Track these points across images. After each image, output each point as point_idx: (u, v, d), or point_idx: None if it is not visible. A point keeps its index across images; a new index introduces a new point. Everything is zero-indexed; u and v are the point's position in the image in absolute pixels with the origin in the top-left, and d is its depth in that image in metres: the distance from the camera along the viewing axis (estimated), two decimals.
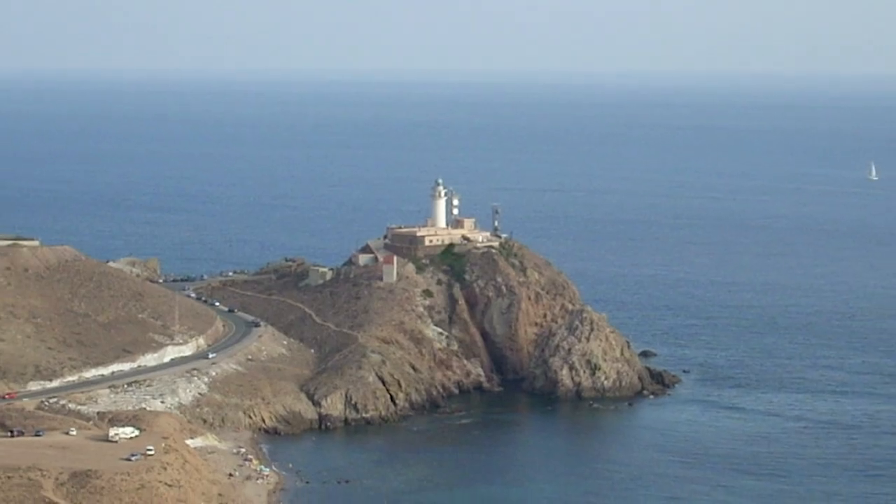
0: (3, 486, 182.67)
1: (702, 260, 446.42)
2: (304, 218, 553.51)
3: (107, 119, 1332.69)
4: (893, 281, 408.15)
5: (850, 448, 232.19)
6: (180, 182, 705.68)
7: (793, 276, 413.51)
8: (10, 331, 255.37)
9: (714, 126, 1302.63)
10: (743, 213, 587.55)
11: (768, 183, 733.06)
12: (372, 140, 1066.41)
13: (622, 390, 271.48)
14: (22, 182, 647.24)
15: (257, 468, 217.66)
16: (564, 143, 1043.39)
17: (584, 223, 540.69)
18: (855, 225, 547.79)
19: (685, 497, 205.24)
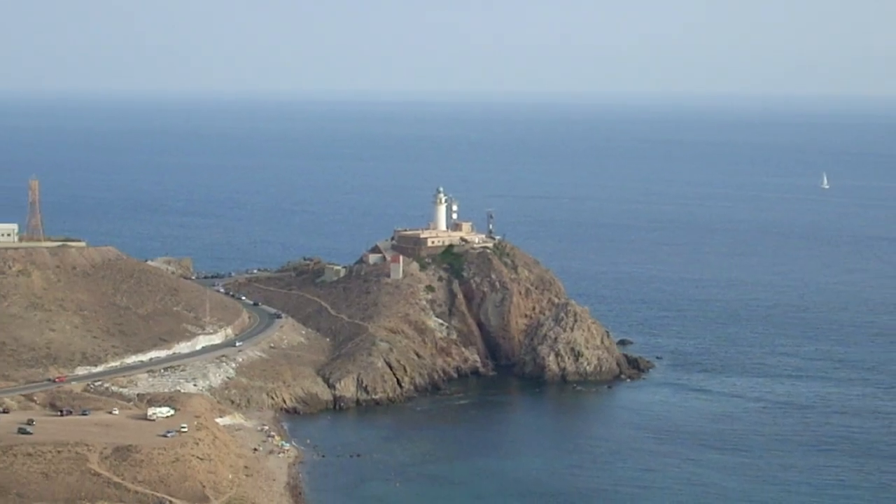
0: (54, 459, 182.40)
1: (673, 259, 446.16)
2: (320, 222, 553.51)
3: (145, 134, 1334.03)
4: (843, 278, 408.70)
5: (805, 426, 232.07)
6: (210, 190, 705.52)
7: (753, 274, 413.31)
8: (60, 322, 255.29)
9: (683, 140, 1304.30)
10: (708, 218, 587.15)
11: (731, 191, 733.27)
12: (380, 153, 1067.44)
13: (602, 375, 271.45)
14: (70, 190, 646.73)
15: (279, 443, 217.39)
16: (551, 156, 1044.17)
17: (568, 226, 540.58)
18: (808, 228, 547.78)
19: (658, 469, 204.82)
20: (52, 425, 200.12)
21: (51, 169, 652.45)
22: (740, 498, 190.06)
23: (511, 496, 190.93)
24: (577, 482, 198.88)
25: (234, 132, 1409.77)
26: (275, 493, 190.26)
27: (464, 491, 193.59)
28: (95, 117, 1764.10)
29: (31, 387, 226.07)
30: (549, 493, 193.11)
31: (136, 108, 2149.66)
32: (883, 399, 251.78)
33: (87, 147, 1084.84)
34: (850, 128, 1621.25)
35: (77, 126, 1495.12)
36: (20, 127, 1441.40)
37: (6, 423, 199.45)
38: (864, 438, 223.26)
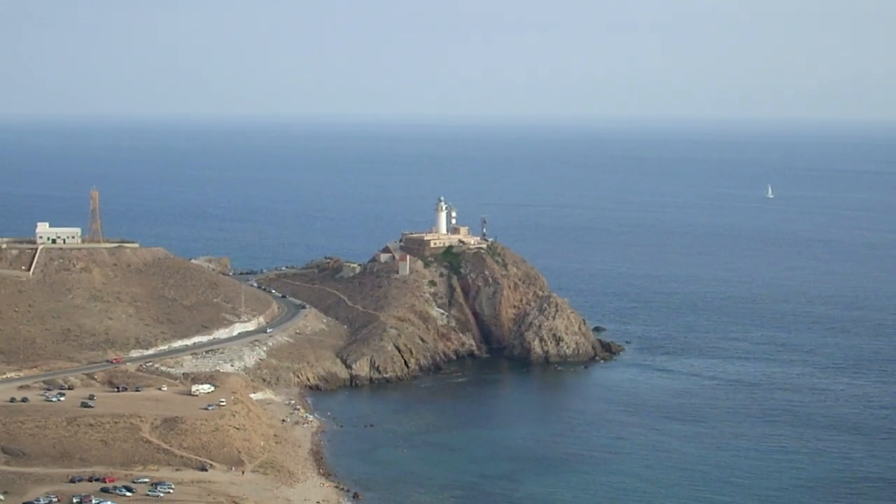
0: (112, 429, 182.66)
1: (640, 258, 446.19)
2: (339, 226, 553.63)
3: (189, 151, 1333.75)
4: (785, 274, 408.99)
5: (752, 400, 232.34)
6: (245, 199, 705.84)
7: (708, 270, 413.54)
8: (117, 312, 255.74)
9: (648, 157, 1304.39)
10: (670, 223, 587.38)
11: (689, 199, 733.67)
12: (389, 167, 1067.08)
13: (580, 357, 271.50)
14: (125, 199, 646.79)
15: (304, 415, 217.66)
16: (536, 171, 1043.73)
17: (551, 230, 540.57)
18: (755, 231, 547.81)
19: (627, 437, 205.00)
20: (109, 400, 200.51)
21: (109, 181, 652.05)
22: (697, 462, 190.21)
23: (502, 460, 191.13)
24: (558, 448, 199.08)
25: (265, 150, 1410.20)
26: (300, 457, 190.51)
27: (462, 456, 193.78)
28: (146, 137, 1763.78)
29: (92, 367, 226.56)
30: (535, 457, 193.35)
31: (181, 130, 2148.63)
32: (819, 378, 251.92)
33: (139, 162, 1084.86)
34: (791, 146, 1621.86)
35: (130, 145, 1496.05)
36: (83, 146, 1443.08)
37: (71, 398, 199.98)
38: (803, 411, 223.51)
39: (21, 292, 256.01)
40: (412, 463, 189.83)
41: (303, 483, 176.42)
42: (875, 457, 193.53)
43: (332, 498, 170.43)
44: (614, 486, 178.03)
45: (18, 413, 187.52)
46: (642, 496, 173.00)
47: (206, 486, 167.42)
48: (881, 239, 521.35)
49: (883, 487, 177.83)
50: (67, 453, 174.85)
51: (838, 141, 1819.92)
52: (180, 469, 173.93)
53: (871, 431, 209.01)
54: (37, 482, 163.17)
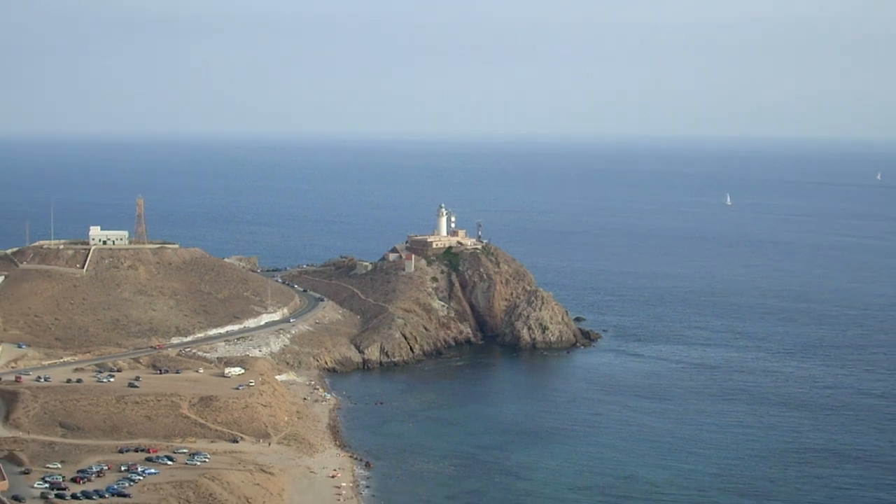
0: (155, 406, 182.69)
1: (615, 257, 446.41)
2: (353, 229, 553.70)
3: (222, 165, 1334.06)
4: (741, 271, 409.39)
5: (712, 381, 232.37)
6: (271, 206, 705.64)
7: (675, 268, 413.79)
8: (159, 304, 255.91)
9: (623, 170, 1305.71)
10: (642, 227, 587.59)
11: (659, 206, 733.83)
12: (398, 178, 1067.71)
13: (563, 343, 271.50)
14: (167, 206, 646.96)
15: (322, 394, 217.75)
16: (525, 182, 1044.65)
17: (537, 233, 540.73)
18: (716, 234, 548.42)
19: (604, 413, 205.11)
20: (153, 381, 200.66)
21: (152, 190, 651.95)
22: (664, 435, 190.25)
23: (494, 433, 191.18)
24: (544, 422, 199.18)
25: (288, 163, 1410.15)
26: (319, 431, 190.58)
27: (459, 429, 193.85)
28: (184, 152, 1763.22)
29: (137, 352, 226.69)
30: (523, 430, 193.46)
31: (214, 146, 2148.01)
32: (771, 361, 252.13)
33: (179, 174, 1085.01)
34: (747, 161, 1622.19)
35: (171, 159, 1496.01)
36: (130, 160, 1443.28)
37: (119, 379, 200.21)
38: (757, 390, 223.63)
39: (76, 287, 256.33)
40: (417, 435, 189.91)
41: (321, 453, 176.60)
42: (819, 430, 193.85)
43: (346, 466, 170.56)
44: (592, 455, 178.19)
45: (74, 392, 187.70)
46: (616, 464, 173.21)
47: (237, 455, 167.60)
48: (823, 241, 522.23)
49: (827, 456, 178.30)
50: (116, 427, 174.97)
51: (788, 156, 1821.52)
52: (215, 441, 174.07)
53: (816, 408, 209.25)
54: (90, 452, 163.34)
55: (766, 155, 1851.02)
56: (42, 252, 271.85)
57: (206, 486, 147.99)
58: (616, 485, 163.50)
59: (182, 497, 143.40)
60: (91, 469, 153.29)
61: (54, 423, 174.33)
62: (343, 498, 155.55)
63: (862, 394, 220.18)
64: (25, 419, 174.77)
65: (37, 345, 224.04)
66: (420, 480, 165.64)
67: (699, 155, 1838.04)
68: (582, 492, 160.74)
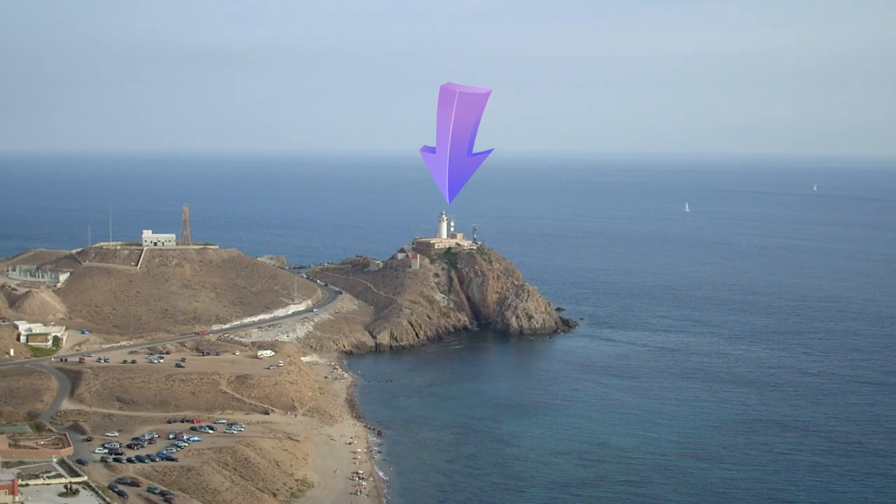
0: (198, 383, 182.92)
1: (591, 257, 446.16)
2: (367, 232, 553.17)
3: (255, 178, 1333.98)
4: (698, 268, 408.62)
5: (674, 362, 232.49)
6: (298, 213, 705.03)
7: (641, 265, 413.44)
8: (202, 296, 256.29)
9: (598, 182, 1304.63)
10: (613, 230, 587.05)
11: (627, 213, 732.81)
12: (405, 189, 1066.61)
13: (546, 330, 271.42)
14: (209, 212, 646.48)
15: (341, 373, 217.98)
16: (514, 192, 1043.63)
17: (525, 236, 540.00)
18: (676, 237, 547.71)
19: (581, 389, 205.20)
20: (196, 361, 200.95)
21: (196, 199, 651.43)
22: (632, 408, 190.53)
23: (487, 406, 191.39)
24: (530, 397, 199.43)
25: (314, 176, 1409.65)
26: (338, 404, 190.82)
27: (458, 403, 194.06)
28: (223, 167, 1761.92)
29: (183, 337, 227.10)
30: (512, 404, 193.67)
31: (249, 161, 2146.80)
32: (723, 346, 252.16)
33: (219, 186, 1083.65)
34: (703, 174, 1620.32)
35: (213, 172, 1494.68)
36: (177, 173, 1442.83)
37: (168, 360, 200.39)
38: (711, 370, 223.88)
39: (131, 282, 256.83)
40: (421, 408, 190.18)
41: (340, 423, 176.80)
42: (764, 404, 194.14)
43: (361, 434, 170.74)
44: (571, 425, 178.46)
45: (129, 371, 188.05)
46: (591, 433, 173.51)
47: (268, 425, 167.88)
48: (769, 242, 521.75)
49: (770, 426, 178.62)
50: (165, 401, 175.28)
51: (738, 170, 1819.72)
52: (249, 413, 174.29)
53: (762, 385, 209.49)
54: (142, 423, 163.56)
55: (719, 169, 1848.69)
56: (102, 252, 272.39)
57: (241, 451, 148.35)
58: (591, 450, 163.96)
59: (221, 461, 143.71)
60: (144, 437, 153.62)
61: (112, 398, 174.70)
62: (359, 462, 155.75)
63: (800, 373, 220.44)
64: (88, 394, 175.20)
65: (97, 331, 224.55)
66: (424, 447, 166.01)
67: (662, 169, 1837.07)
68: (562, 456, 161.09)
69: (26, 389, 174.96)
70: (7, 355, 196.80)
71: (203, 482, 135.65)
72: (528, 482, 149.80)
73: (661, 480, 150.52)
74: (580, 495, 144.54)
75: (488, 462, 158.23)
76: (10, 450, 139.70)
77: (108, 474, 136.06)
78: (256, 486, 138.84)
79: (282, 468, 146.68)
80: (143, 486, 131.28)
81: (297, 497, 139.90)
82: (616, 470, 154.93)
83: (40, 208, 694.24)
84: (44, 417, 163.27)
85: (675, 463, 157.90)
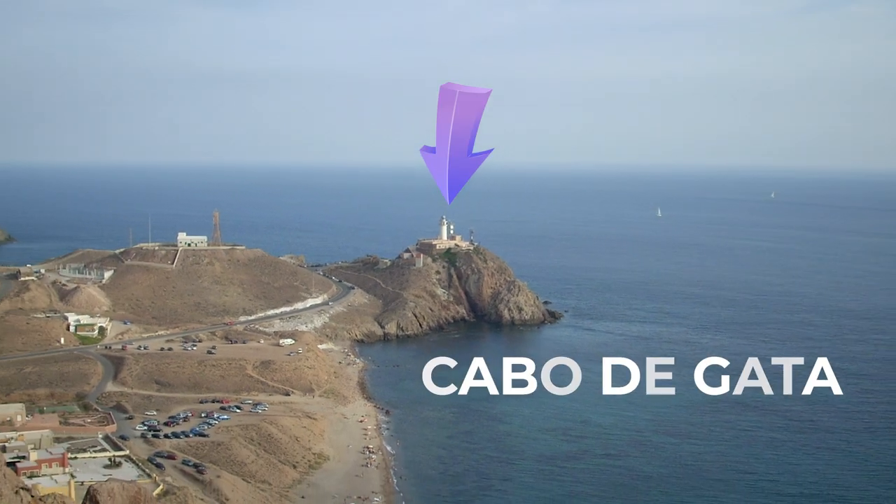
0: (227, 368, 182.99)
1: (575, 256, 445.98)
2: (376, 234, 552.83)
3: (278, 186, 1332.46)
4: (669, 266, 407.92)
5: (647, 348, 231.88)
6: (315, 217, 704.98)
7: (618, 264, 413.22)
8: (230, 291, 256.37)
9: (580, 190, 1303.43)
10: (593, 233, 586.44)
11: (606, 217, 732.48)
12: (410, 196, 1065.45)
13: (534, 321, 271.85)
14: (236, 217, 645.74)
15: (353, 359, 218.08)
16: (505, 199, 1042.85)
17: (516, 238, 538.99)
18: (649, 239, 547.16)
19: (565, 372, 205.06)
20: (225, 349, 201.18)
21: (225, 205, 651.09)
22: None
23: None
24: None
25: (326, 185, 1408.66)
26: (351, 387, 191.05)
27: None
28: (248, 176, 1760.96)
29: (214, 327, 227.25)
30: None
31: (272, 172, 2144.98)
32: (690, 334, 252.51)
33: (245, 193, 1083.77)
34: (674, 183, 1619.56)
35: (239, 182, 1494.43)
36: (207, 182, 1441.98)
37: (200, 347, 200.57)
38: (680, 356, 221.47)
39: (167, 278, 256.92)
40: (424, 390, 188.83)
41: (352, 403, 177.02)
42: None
43: (371, 413, 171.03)
44: (556, 405, 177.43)
45: (166, 357, 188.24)
46: (575, 412, 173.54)
47: (289, 405, 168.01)
48: (734, 244, 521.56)
49: (733, 406, 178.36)
50: (198, 384, 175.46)
51: (705, 179, 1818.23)
52: (272, 394, 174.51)
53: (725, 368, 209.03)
54: (177, 403, 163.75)
55: (687, 178, 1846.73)
56: (142, 252, 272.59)
57: (265, 428, 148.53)
58: (574, 427, 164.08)
59: (247, 436, 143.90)
60: (179, 415, 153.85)
61: (151, 381, 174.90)
62: (369, 437, 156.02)
63: (759, 358, 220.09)
64: (129, 378, 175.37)
65: (138, 322, 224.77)
66: (427, 424, 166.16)
67: (636, 178, 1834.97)
68: (549, 432, 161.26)
69: (75, 374, 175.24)
70: (58, 343, 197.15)
71: (231, 455, 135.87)
72: (518, 455, 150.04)
73: (637, 454, 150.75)
74: (565, 467, 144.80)
75: (483, 437, 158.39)
76: (61, 427, 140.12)
77: (147, 448, 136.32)
78: (278, 459, 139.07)
79: (301, 443, 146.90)
80: (178, 459, 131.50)
81: (314, 469, 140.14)
82: (596, 445, 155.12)
83: (87, 213, 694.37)
84: (90, 398, 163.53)
85: (648, 438, 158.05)
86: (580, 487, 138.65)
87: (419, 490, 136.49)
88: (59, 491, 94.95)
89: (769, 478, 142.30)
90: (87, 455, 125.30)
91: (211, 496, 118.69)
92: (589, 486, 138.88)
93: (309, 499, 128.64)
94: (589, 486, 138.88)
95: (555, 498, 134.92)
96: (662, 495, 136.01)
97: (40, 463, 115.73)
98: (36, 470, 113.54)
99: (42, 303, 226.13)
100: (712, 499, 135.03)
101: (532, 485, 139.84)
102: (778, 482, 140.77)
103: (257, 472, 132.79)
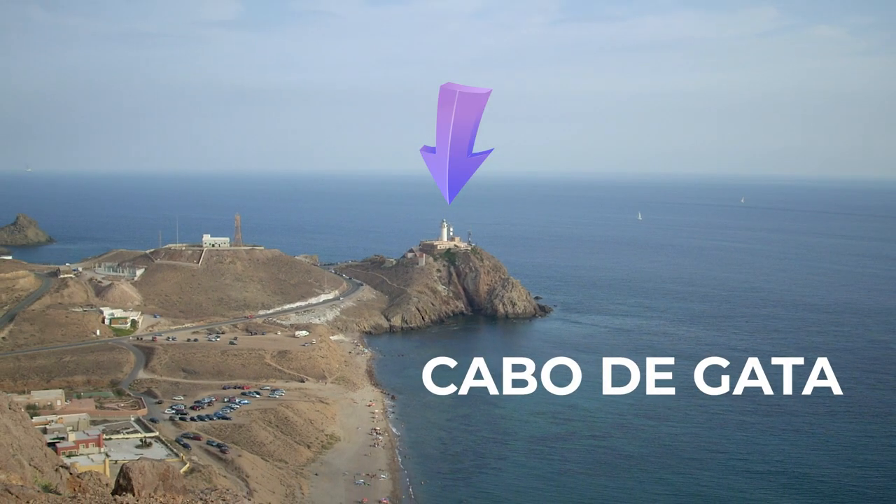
0: (248, 357, 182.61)
1: (563, 255, 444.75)
2: (383, 236, 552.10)
3: (294, 192, 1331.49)
4: (648, 265, 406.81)
5: (630, 340, 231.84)
6: (327, 220, 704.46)
7: (602, 263, 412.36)
8: (251, 287, 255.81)
9: (567, 196, 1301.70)
10: (579, 235, 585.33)
11: (591, 220, 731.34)
12: (413, 201, 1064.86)
13: (526, 314, 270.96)
14: (256, 220, 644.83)
15: (362, 349, 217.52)
16: (501, 203, 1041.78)
17: (510, 239, 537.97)
18: (630, 240, 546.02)
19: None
20: (246, 340, 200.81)
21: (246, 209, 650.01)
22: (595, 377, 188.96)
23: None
24: None
25: (338, 191, 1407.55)
26: (360, 374, 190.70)
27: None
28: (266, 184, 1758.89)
29: (236, 320, 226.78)
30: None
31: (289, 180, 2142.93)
32: (670, 327, 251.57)
33: (264, 199, 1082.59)
34: (653, 189, 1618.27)
35: (259, 188, 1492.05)
36: (230, 189, 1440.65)
37: (223, 339, 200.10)
38: (659, 346, 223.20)
39: (193, 276, 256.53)
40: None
41: (361, 389, 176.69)
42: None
43: (378, 398, 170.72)
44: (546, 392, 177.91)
45: (192, 348, 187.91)
46: (563, 397, 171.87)
47: (304, 391, 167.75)
48: (707, 244, 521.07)
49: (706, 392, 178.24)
50: (221, 372, 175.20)
51: (681, 186, 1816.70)
52: (288, 381, 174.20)
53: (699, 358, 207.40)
54: (202, 389, 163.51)
55: (665, 185, 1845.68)
56: (170, 252, 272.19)
57: (282, 412, 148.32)
58: (563, 411, 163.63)
59: (266, 419, 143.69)
60: (204, 400, 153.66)
61: (178, 369, 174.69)
62: (376, 420, 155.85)
63: (731, 349, 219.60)
64: (159, 366, 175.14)
65: (166, 315, 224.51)
66: (428, 408, 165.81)
67: (619, 185, 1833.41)
68: (540, 415, 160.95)
69: (109, 362, 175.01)
70: (94, 335, 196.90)
71: (251, 436, 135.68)
72: (512, 436, 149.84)
73: (619, 435, 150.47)
74: (554, 447, 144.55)
75: (480, 420, 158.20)
76: (97, 411, 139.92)
77: (175, 430, 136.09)
78: (294, 440, 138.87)
79: (314, 425, 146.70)
80: (203, 440, 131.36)
81: (326, 448, 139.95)
82: (583, 427, 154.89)
83: (121, 217, 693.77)
84: (123, 385, 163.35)
85: (630, 421, 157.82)
86: (568, 466, 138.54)
87: (422, 468, 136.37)
88: (95, 469, 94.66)
89: (739, 457, 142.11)
90: (120, 436, 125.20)
91: (233, 474, 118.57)
92: (576, 465, 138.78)
93: (322, 476, 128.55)
94: (576, 465, 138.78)
95: (545, 475, 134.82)
96: (643, 472, 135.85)
97: (78, 443, 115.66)
98: (74, 450, 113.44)
99: (80, 298, 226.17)
100: (688, 476, 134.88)
101: (524, 463, 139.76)
102: (747, 461, 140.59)
103: (275, 451, 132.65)
